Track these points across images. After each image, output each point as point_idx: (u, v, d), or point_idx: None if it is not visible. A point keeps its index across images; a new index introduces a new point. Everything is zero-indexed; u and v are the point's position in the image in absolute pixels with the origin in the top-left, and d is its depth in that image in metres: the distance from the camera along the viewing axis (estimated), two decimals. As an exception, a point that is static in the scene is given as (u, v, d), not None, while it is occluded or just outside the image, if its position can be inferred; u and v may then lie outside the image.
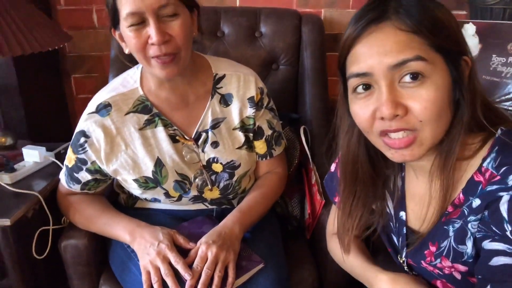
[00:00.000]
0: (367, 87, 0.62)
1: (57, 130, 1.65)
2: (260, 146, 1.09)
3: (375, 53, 0.59)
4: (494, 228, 0.58)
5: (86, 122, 0.98)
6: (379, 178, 0.77)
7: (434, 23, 0.59)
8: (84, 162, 1.00)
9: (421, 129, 0.60)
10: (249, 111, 1.04)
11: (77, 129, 1.00)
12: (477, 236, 0.62)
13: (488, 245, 0.60)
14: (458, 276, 0.69)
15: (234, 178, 1.06)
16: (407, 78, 0.59)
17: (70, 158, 1.02)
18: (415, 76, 0.58)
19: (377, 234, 0.83)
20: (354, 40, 0.62)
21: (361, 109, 0.64)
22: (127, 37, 0.87)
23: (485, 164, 0.62)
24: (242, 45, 1.43)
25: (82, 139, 0.98)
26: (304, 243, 1.20)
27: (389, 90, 0.59)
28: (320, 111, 1.36)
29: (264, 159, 1.11)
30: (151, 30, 0.84)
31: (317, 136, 1.31)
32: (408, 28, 0.58)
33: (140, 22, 0.84)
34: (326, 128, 1.35)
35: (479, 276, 0.62)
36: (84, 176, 1.02)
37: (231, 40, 1.43)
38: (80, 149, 0.99)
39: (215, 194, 1.07)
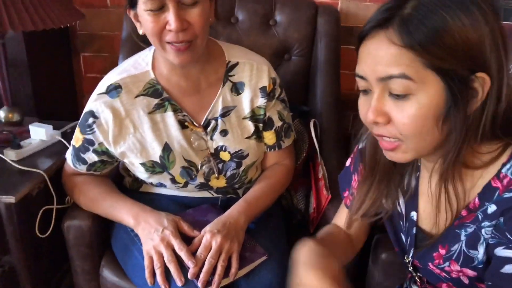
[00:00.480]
0: (366, 92, 0.63)
1: (64, 108, 1.64)
2: (269, 137, 1.07)
3: (369, 61, 0.59)
4: (508, 236, 0.58)
5: (95, 103, 0.97)
6: (398, 170, 0.77)
7: (435, 41, 0.54)
8: (91, 142, 0.99)
9: (403, 140, 0.61)
10: (260, 101, 1.03)
11: (86, 109, 0.98)
12: (490, 242, 0.61)
13: (500, 252, 0.59)
14: (466, 281, 0.68)
15: (241, 168, 1.05)
16: (395, 91, 0.58)
17: (77, 138, 1.01)
18: (400, 92, 0.58)
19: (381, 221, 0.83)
20: (363, 37, 0.61)
21: (361, 107, 0.65)
22: (144, 20, 0.86)
23: (504, 170, 0.61)
24: (255, 33, 1.40)
25: (91, 120, 0.97)
26: (307, 237, 1.19)
27: (377, 98, 0.60)
28: (331, 106, 1.34)
29: (272, 150, 1.10)
30: (170, 17, 0.82)
31: (326, 130, 1.29)
32: (400, 43, 0.56)
33: (159, 7, 0.83)
34: (336, 123, 1.33)
35: (489, 283, 0.61)
36: (91, 157, 1.01)
37: (245, 27, 1.40)
38: (88, 129, 0.98)
39: (221, 182, 1.06)
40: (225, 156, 1.04)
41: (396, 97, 0.58)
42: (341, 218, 0.89)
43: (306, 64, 1.43)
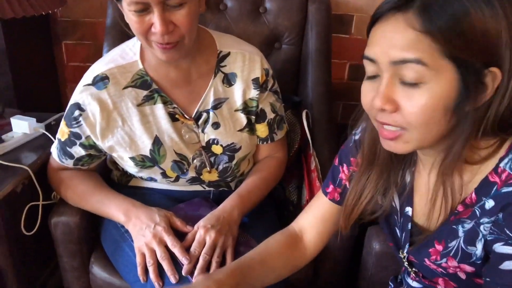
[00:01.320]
0: (374, 77, 0.61)
1: (46, 98, 1.59)
2: (261, 129, 1.05)
3: (383, 43, 0.57)
4: (507, 232, 0.57)
5: (82, 94, 0.93)
6: (397, 164, 0.75)
7: (456, 29, 0.53)
8: (78, 136, 0.95)
9: (407, 129, 0.59)
10: (253, 93, 1.00)
11: (72, 101, 0.94)
12: (488, 238, 0.60)
13: (499, 248, 0.58)
14: (463, 276, 0.68)
15: (234, 161, 1.03)
16: (406, 78, 0.56)
17: (63, 132, 0.97)
18: (412, 79, 0.56)
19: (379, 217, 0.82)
20: (377, 19, 0.59)
21: (365, 93, 0.63)
22: (129, 19, 0.83)
23: (502, 165, 0.60)
24: (245, 21, 1.37)
25: (77, 112, 0.93)
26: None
27: (387, 84, 0.58)
28: (322, 96, 1.33)
29: (265, 142, 1.08)
30: (155, 20, 0.79)
31: (317, 121, 1.28)
32: (419, 28, 0.54)
33: (143, 9, 0.79)
34: (327, 113, 1.32)
35: (488, 279, 0.61)
36: (78, 151, 0.97)
37: (234, 14, 1.37)
38: (74, 122, 0.94)
39: (213, 176, 1.04)
40: (217, 149, 1.01)
41: (407, 85, 0.56)
42: (306, 215, 0.85)
43: (297, 53, 1.40)
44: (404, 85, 0.57)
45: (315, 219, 0.85)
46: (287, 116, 1.22)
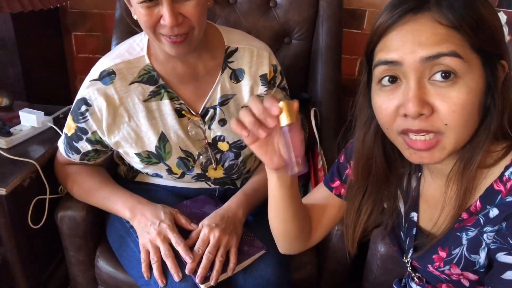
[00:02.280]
0: (394, 79, 0.58)
1: (55, 90, 1.59)
2: (269, 126, 1.04)
3: (409, 42, 0.55)
4: (510, 241, 0.56)
5: (88, 90, 0.92)
6: (393, 176, 0.74)
7: (478, 21, 0.54)
8: (84, 131, 0.95)
9: (445, 133, 0.56)
10: (261, 89, 0.99)
11: (78, 96, 0.94)
12: (492, 247, 0.59)
13: (502, 257, 0.57)
14: (466, 283, 0.68)
15: (240, 159, 1.02)
16: (438, 76, 0.54)
17: (69, 126, 0.97)
18: (447, 74, 0.54)
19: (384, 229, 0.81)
20: (388, 28, 0.57)
21: (384, 103, 0.59)
22: (138, 12, 0.81)
23: (507, 173, 0.59)
24: (254, 15, 1.35)
25: (83, 107, 0.93)
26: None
27: (417, 85, 0.54)
28: (332, 93, 1.31)
29: (272, 140, 1.06)
30: (164, 11, 0.78)
31: (326, 119, 1.27)
32: (448, 23, 0.53)
33: (152, 1, 0.78)
34: (336, 111, 1.30)
35: None
36: (84, 146, 0.97)
37: (244, 8, 1.35)
38: (81, 117, 0.94)
39: (219, 173, 1.04)
40: (223, 146, 1.00)
41: (438, 83, 0.54)
42: (305, 200, 0.83)
43: (307, 48, 1.38)
44: (435, 84, 0.55)
45: (313, 207, 0.83)
46: (295, 113, 1.20)
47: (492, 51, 0.55)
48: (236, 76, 0.98)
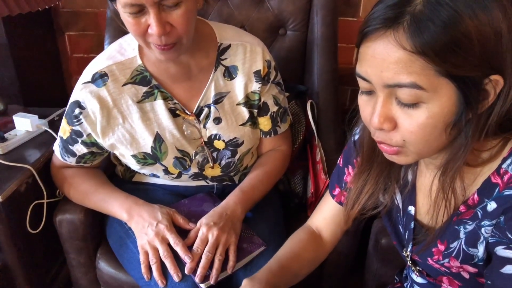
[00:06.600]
0: (370, 92, 0.58)
1: (51, 91, 1.58)
2: (264, 123, 1.03)
3: (375, 65, 0.54)
4: (509, 235, 0.56)
5: (81, 92, 0.92)
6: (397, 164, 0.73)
7: (449, 43, 0.49)
8: (79, 134, 0.95)
9: (404, 147, 0.58)
10: (255, 86, 0.98)
11: (72, 99, 0.93)
12: (490, 241, 0.59)
13: (501, 251, 0.57)
14: (466, 276, 0.68)
15: (237, 156, 1.02)
16: (403, 100, 0.53)
17: (64, 130, 0.96)
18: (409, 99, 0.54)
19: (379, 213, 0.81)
20: (366, 35, 0.55)
21: (362, 107, 0.61)
22: (125, 21, 0.80)
23: (504, 166, 0.58)
24: (248, 7, 1.33)
25: (77, 110, 0.92)
26: (305, 222, 1.17)
27: (383, 103, 0.55)
28: (328, 84, 1.29)
29: (268, 136, 1.06)
30: (151, 21, 0.77)
31: (323, 110, 1.25)
32: (410, 48, 0.49)
33: (139, 11, 0.77)
34: (333, 102, 1.28)
35: (489, 282, 0.60)
36: (80, 149, 0.97)
37: (237, 1, 1.33)
38: (75, 120, 0.93)
39: (216, 171, 1.03)
40: (219, 144, 1.00)
41: (403, 104, 0.54)
42: (317, 216, 0.87)
43: (302, 38, 1.36)
44: (400, 103, 0.54)
45: (325, 220, 0.86)
46: (292, 106, 1.19)
47: (469, 74, 0.50)
48: (229, 73, 0.97)
